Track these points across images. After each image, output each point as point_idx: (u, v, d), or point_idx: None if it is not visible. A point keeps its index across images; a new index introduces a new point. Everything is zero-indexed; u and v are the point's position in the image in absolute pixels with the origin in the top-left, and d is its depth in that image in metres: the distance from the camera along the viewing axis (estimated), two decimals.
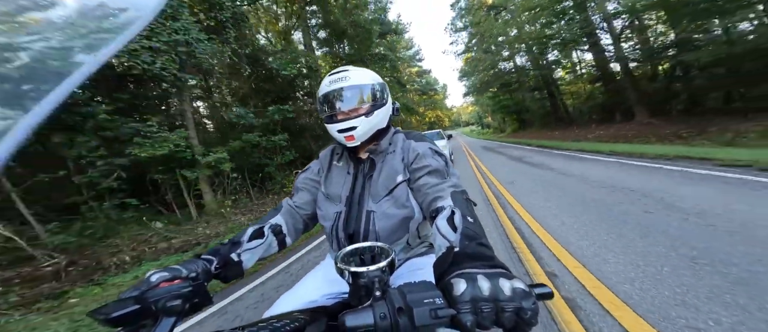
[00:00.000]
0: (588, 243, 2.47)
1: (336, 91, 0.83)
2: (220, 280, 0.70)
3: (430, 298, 0.37)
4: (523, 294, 0.36)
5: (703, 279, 1.72)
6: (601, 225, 2.83)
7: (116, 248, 4.29)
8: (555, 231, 2.84)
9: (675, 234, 2.38)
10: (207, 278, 0.63)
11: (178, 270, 0.57)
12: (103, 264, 3.91)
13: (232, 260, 0.71)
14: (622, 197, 3.60)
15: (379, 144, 0.89)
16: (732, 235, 2.19)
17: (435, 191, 0.71)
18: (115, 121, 4.52)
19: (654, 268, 1.93)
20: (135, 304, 0.46)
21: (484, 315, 0.35)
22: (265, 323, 0.52)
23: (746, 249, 1.97)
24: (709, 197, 3.12)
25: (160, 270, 0.56)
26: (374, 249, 0.62)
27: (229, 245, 0.74)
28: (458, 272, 0.40)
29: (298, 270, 3.03)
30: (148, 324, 0.47)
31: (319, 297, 0.81)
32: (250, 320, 0.55)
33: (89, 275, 3.68)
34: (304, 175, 0.97)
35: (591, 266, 2.09)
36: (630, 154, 7.03)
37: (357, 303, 0.52)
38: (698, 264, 1.90)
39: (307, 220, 0.94)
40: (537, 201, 4.02)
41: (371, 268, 0.51)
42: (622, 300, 1.65)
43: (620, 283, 1.83)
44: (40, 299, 3.05)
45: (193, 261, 0.64)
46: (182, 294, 0.50)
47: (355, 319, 0.37)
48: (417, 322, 0.35)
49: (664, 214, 2.84)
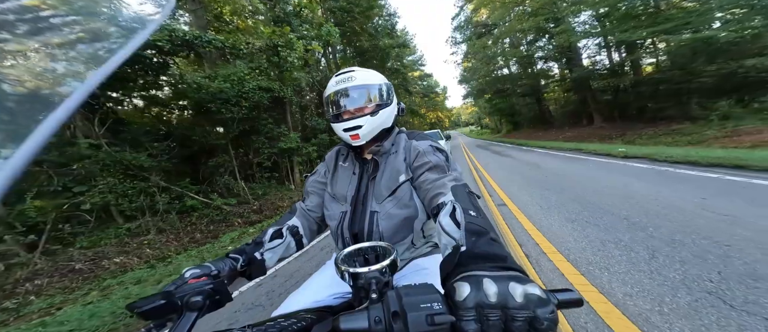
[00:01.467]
0: (515, 189, 6.32)
1: (342, 91, 0.85)
2: (245, 278, 0.75)
3: (428, 303, 0.34)
4: (539, 301, 0.32)
5: (557, 197, 5.59)
6: (519, 180, 6.70)
7: (277, 198, 8.15)
8: (501, 183, 6.67)
9: (555, 184, 6.25)
10: (233, 276, 0.69)
11: (208, 268, 0.62)
12: (276, 206, 7.76)
13: (256, 258, 0.76)
14: (534, 170, 7.46)
15: (382, 145, 0.90)
16: (571, 181, 6.06)
17: (435, 187, 0.71)
18: (272, 127, 8.38)
19: (540, 196, 5.80)
20: (161, 299, 0.49)
21: (490, 324, 0.32)
22: (272, 322, 0.53)
23: (574, 185, 5.84)
24: (576, 169, 6.99)
25: (194, 267, 0.61)
26: (377, 249, 0.63)
27: (253, 245, 0.79)
28: (463, 274, 0.37)
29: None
30: (173, 318, 0.50)
31: (326, 297, 0.81)
32: (259, 319, 0.55)
33: (273, 211, 7.52)
34: (312, 178, 1.00)
35: (513, 198, 5.95)
36: (573, 149, 10.89)
37: (358, 304, 0.54)
38: (545, 187, 5.77)
39: (319, 222, 0.96)
40: (496, 172, 7.90)
41: (370, 269, 0.51)
42: (519, 208, 5.52)
43: (523, 202, 5.69)
44: (252, 224, 6.90)
45: (222, 259, 0.70)
46: (203, 291, 0.52)
47: (350, 322, 0.37)
48: (411, 329, 0.33)
49: (554, 178, 6.71)
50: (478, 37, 26.80)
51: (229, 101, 6.49)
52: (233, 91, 6.52)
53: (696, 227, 2.54)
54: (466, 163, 10.46)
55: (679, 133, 9.70)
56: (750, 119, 8.38)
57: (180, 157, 6.18)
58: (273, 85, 7.62)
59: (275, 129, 8.46)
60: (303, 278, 1.72)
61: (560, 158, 8.79)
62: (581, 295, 0.33)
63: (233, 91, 6.52)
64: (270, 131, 8.31)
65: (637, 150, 7.66)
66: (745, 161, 4.50)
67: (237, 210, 6.78)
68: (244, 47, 6.54)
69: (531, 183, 5.76)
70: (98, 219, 4.64)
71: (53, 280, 3.56)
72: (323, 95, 0.91)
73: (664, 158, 5.90)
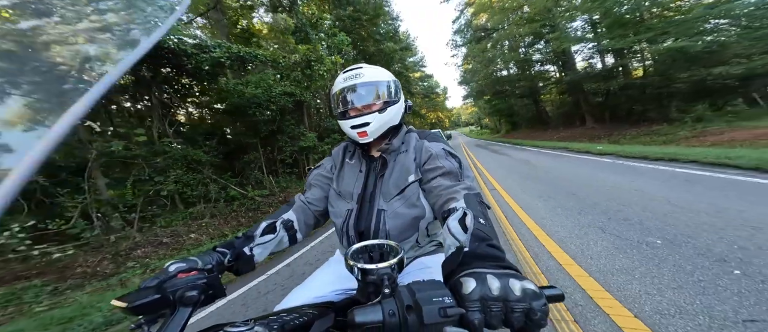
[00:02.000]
0: (502, 175, 7.42)
1: (350, 88, 0.85)
2: (233, 273, 0.73)
3: (440, 297, 0.37)
4: (534, 295, 0.36)
5: (534, 183, 6.70)
6: (510, 173, 7.79)
7: (298, 190, 9.25)
8: (493, 173, 7.76)
9: (536, 175, 7.36)
10: (220, 270, 0.67)
11: (195, 262, 0.60)
12: None
13: (245, 254, 0.74)
14: (524, 165, 8.55)
15: (391, 143, 0.89)
16: (549, 172, 7.17)
17: (448, 193, 0.71)
18: (294, 128, 9.49)
19: (523, 181, 6.91)
20: (155, 294, 0.48)
21: (492, 315, 0.36)
22: (275, 316, 0.53)
23: (550, 175, 6.95)
24: (557, 164, 8.09)
25: (177, 261, 0.58)
26: (384, 246, 0.64)
27: (242, 239, 0.77)
28: (468, 271, 0.41)
29: None
30: (166, 313, 0.49)
31: (328, 293, 0.82)
32: (262, 312, 0.54)
33: None
34: (317, 172, 0.99)
35: (500, 182, 7.05)
36: (561, 148, 11.98)
37: (365, 299, 0.54)
38: (529, 178, 6.88)
39: (319, 216, 0.95)
40: (490, 165, 9.00)
41: (381, 266, 0.52)
42: (503, 188, 6.62)
43: (509, 187, 6.79)
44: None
45: (209, 253, 0.67)
46: (198, 286, 0.52)
47: (364, 315, 0.38)
48: (426, 320, 0.36)
49: (537, 171, 7.81)
50: (477, 41, 27.85)
51: (260, 105, 7.59)
52: (264, 96, 7.62)
53: (614, 197, 3.77)
54: (466, 160, 11.58)
55: (657, 133, 10.79)
56: (717, 122, 9.47)
57: (223, 153, 7.28)
58: (295, 89, 8.72)
59: (296, 129, 9.57)
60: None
61: (548, 156, 9.89)
62: (563, 291, 0.40)
63: (264, 96, 7.62)
64: (292, 131, 9.41)
65: (612, 148, 8.78)
66: (679, 156, 5.76)
67: (266, 200, 7.88)
68: (282, 60, 7.65)
69: (518, 174, 6.86)
70: (166, 204, 5.75)
71: (148, 250, 4.66)
72: (330, 92, 0.91)
73: (626, 154, 7.07)
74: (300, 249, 3.82)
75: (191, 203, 6.03)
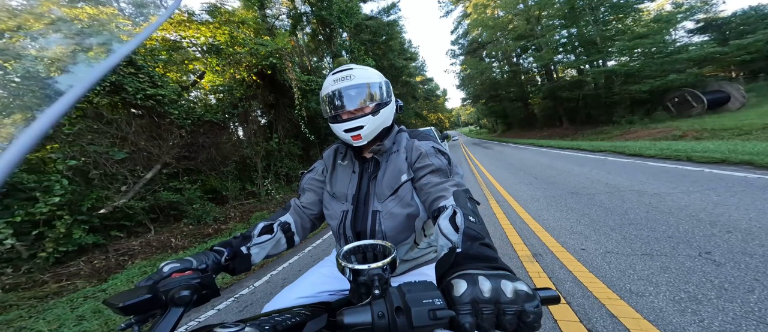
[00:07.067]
0: (488, 164, 11.32)
1: (341, 90, 0.82)
2: (229, 273, 0.72)
3: (430, 299, 0.36)
4: (526, 296, 0.36)
5: (507, 168, 10.63)
6: (495, 162, 11.69)
7: None
8: (482, 162, 11.63)
9: (507, 161, 11.29)
10: (217, 270, 0.66)
11: (190, 262, 0.60)
12: None
13: (242, 253, 0.74)
14: (499, 155, 12.43)
15: (383, 143, 0.89)
16: (517, 159, 11.10)
17: (437, 190, 0.72)
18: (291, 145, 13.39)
19: (503, 169, 10.84)
20: (147, 294, 0.48)
21: (484, 317, 0.35)
22: (267, 317, 0.53)
23: (517, 161, 10.88)
24: (524, 155, 12.01)
25: (172, 261, 0.58)
26: (377, 246, 0.64)
27: (240, 238, 0.77)
28: (459, 273, 0.40)
29: None
30: (157, 313, 0.49)
31: (321, 293, 0.82)
32: (252, 313, 0.47)
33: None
34: (309, 176, 0.98)
35: (488, 170, 10.94)
36: (533, 144, 15.86)
37: (357, 300, 0.53)
38: (500, 162, 10.80)
39: (314, 220, 0.95)
40: (480, 157, 12.92)
41: (372, 266, 0.51)
42: (493, 176, 10.53)
43: (495, 174, 10.70)
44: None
45: (205, 253, 0.67)
46: (191, 286, 0.52)
47: (353, 317, 0.38)
48: (415, 323, 0.35)
49: (510, 159, 11.73)
50: (473, 51, 31.70)
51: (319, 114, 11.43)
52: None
53: (555, 175, 7.70)
54: (461, 153, 15.50)
55: (602, 133, 14.71)
56: (638, 124, 13.39)
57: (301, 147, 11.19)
58: None
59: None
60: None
61: (520, 149, 13.79)
62: (559, 293, 0.37)
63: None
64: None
65: (565, 144, 12.66)
66: (596, 147, 9.63)
67: None
68: None
69: (498, 161, 10.75)
70: (288, 177, 9.64)
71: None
72: (320, 94, 0.89)
73: (568, 147, 10.94)
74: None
75: (291, 179, 9.97)
